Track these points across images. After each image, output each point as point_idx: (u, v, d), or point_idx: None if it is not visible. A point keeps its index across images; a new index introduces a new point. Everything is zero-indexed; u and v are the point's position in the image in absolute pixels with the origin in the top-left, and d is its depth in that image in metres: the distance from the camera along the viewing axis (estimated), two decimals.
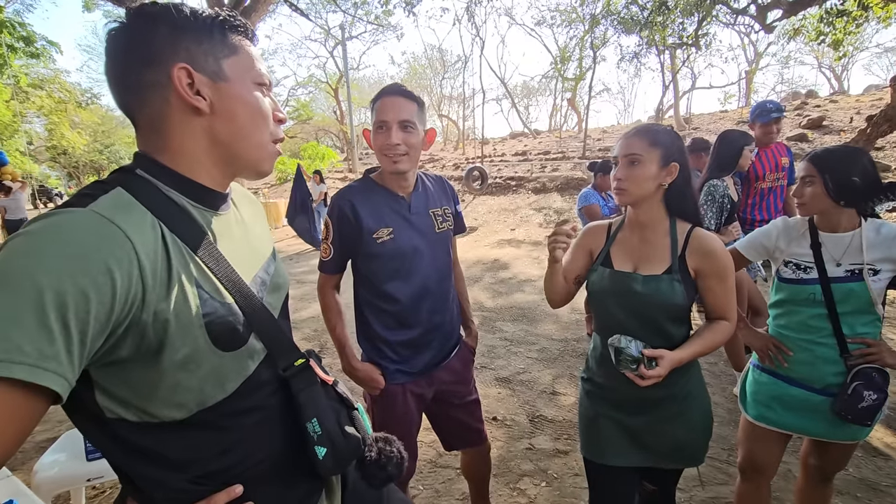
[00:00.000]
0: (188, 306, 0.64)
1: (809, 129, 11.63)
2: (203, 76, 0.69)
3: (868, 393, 1.37)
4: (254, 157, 0.76)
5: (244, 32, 0.74)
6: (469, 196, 12.56)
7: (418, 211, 1.55)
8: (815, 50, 20.93)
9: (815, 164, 1.46)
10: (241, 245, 0.79)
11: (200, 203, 0.73)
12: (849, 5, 6.97)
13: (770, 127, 3.14)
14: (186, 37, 0.68)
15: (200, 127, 0.71)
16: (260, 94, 0.75)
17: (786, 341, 1.55)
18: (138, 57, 0.67)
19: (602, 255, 1.41)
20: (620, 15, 11.25)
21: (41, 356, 0.51)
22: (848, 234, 1.46)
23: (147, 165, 0.70)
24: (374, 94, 1.49)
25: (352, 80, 21.41)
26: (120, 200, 0.62)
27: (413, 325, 1.54)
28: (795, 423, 1.53)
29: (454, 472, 2.35)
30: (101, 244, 0.56)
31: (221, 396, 0.70)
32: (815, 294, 1.46)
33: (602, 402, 1.43)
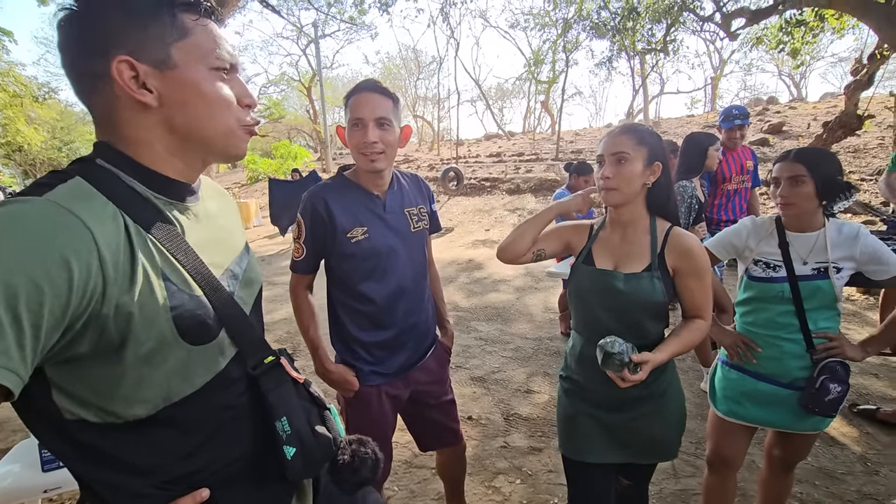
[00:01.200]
0: (154, 298, 0.61)
1: (771, 134, 12.13)
2: (148, 66, 0.63)
3: (833, 386, 1.42)
4: (219, 144, 0.71)
5: (199, 10, 0.67)
6: (444, 196, 12.57)
7: (393, 210, 1.53)
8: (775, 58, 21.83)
9: (806, 164, 1.45)
10: (211, 238, 0.76)
11: (165, 195, 0.70)
12: (806, 16, 7.29)
13: (734, 132, 3.25)
14: (131, 23, 0.62)
15: (153, 119, 0.66)
16: (218, 79, 0.69)
17: (754, 338, 1.58)
18: (83, 46, 0.63)
19: (584, 253, 1.42)
20: (592, 20, 11.47)
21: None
22: (813, 234, 1.50)
23: (108, 155, 0.66)
24: (348, 93, 1.47)
25: (325, 79, 21.15)
26: (79, 190, 0.59)
27: (388, 325, 1.52)
28: (763, 417, 1.57)
29: (429, 472, 2.34)
30: (58, 234, 0.53)
31: (189, 391, 0.67)
32: (783, 291, 1.50)
33: (580, 400, 1.45)
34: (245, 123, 0.73)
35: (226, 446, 0.73)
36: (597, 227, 1.45)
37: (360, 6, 12.94)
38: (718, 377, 1.70)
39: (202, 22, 0.68)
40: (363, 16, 13.69)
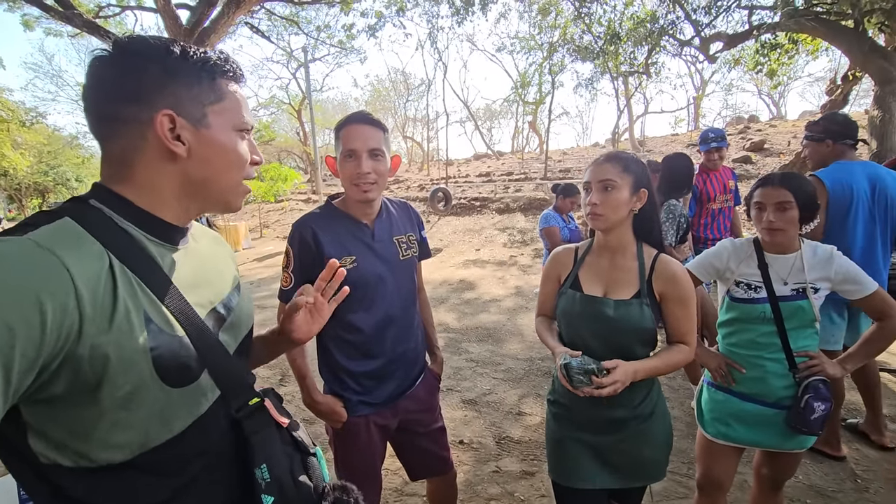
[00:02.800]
0: (133, 338, 0.61)
1: (752, 152, 12.42)
2: (186, 121, 0.69)
3: (818, 404, 1.44)
4: (224, 197, 0.78)
5: (233, 76, 0.75)
6: (434, 217, 12.63)
7: (382, 238, 1.54)
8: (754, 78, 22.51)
9: (792, 190, 1.49)
10: (198, 279, 0.76)
11: (158, 237, 0.72)
12: (781, 39, 7.57)
13: (711, 154, 3.35)
14: (176, 81, 0.69)
15: (175, 168, 0.71)
16: (240, 139, 0.76)
17: (737, 358, 1.61)
18: (124, 92, 0.67)
19: (570, 278, 1.43)
20: (576, 43, 11.78)
21: None
22: (791, 256, 1.54)
23: (103, 196, 0.69)
24: (338, 117, 1.50)
25: (315, 102, 21.34)
26: (63, 230, 0.61)
27: (376, 354, 1.52)
28: (751, 437, 1.58)
29: (420, 500, 2.30)
30: (33, 274, 0.54)
31: (167, 437, 0.67)
32: (765, 312, 1.53)
33: (569, 424, 1.45)
34: (248, 177, 0.79)
35: (204, 493, 0.72)
36: (582, 252, 1.47)
37: (349, 31, 13.19)
38: (705, 399, 1.71)
39: (234, 87, 0.75)
40: (352, 40, 13.95)
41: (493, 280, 7.40)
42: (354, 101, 37.40)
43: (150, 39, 0.69)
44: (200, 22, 7.87)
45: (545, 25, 14.57)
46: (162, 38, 0.71)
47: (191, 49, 0.71)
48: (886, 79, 5.25)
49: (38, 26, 11.81)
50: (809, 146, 2.47)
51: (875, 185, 2.25)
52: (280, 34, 16.03)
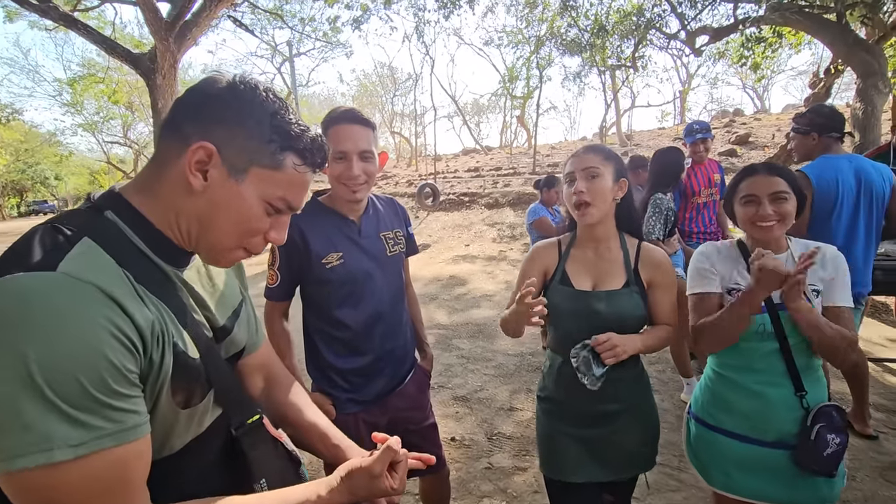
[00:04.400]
0: (164, 360, 0.62)
1: (738, 145, 12.58)
2: (223, 165, 0.66)
3: (831, 436, 1.21)
4: (209, 250, 0.72)
5: (307, 161, 0.71)
6: (423, 213, 12.58)
7: (369, 234, 1.52)
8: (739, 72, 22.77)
9: (787, 179, 1.31)
10: (205, 297, 0.76)
11: (165, 259, 0.70)
12: (765, 33, 7.64)
13: (697, 146, 3.36)
14: (244, 130, 0.66)
15: (188, 196, 0.68)
16: (263, 212, 0.70)
17: (731, 388, 1.36)
18: (196, 109, 0.67)
19: (558, 273, 1.42)
20: (563, 37, 11.78)
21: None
22: (781, 256, 1.33)
23: (119, 209, 0.67)
24: (324, 112, 1.45)
25: (301, 97, 21.10)
26: (89, 256, 0.59)
27: (365, 351, 1.50)
28: (757, 490, 1.32)
29: (413, 499, 2.28)
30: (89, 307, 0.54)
31: (166, 454, 0.67)
32: (764, 325, 1.29)
33: (559, 419, 1.44)
34: (249, 249, 0.73)
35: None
36: (566, 246, 1.45)
37: (334, 24, 13.03)
38: (693, 436, 1.46)
39: (302, 170, 0.71)
40: (337, 34, 13.78)
41: (482, 276, 7.40)
42: (341, 96, 37.14)
43: (266, 90, 0.69)
44: (181, 15, 7.69)
45: (532, 19, 14.51)
46: (278, 97, 0.69)
47: (288, 115, 0.69)
48: (868, 71, 5.32)
49: (21, 18, 11.49)
50: (796, 139, 2.48)
51: (860, 179, 2.27)
52: (264, 28, 15.78)
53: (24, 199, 37.22)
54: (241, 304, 0.87)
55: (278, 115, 0.68)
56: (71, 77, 18.80)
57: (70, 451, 0.50)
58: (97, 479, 0.53)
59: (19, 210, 37.90)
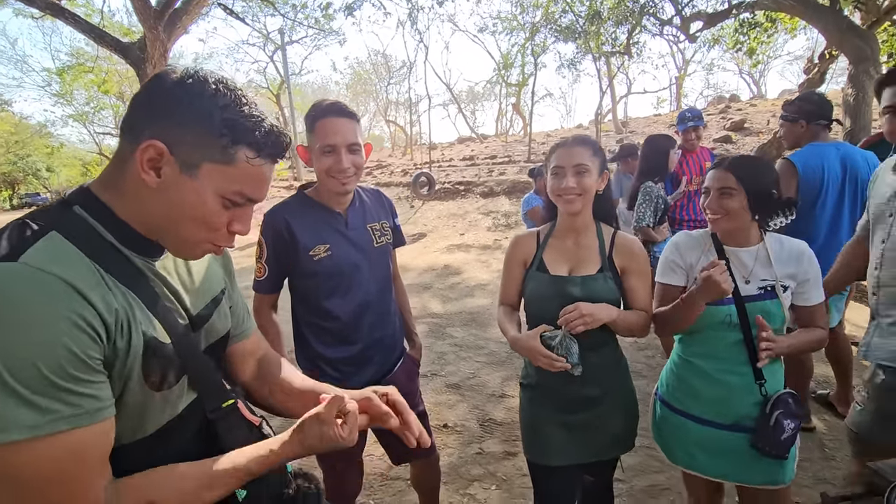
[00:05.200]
0: (133, 345, 0.65)
1: (733, 132, 12.55)
2: (175, 161, 0.66)
3: (787, 422, 1.29)
4: (175, 245, 0.74)
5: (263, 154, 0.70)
6: (418, 202, 12.56)
7: (355, 226, 1.54)
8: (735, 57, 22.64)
9: (737, 175, 1.33)
10: (179, 287, 0.78)
11: (135, 251, 0.71)
12: (759, 18, 7.60)
13: (689, 134, 3.37)
14: (193, 126, 0.66)
15: (147, 193, 0.69)
16: (221, 206, 0.71)
17: (696, 374, 1.42)
18: (148, 107, 0.67)
19: (536, 261, 1.47)
20: (558, 23, 11.68)
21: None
22: (753, 249, 1.38)
23: (88, 203, 0.68)
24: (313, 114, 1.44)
25: (294, 86, 20.89)
26: (53, 248, 0.61)
27: (354, 341, 1.53)
28: (715, 468, 1.41)
29: (405, 484, 2.33)
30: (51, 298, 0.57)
31: (139, 436, 0.69)
32: (731, 316, 1.34)
33: (542, 405, 1.48)
34: (215, 242, 0.74)
35: None
36: (544, 235, 1.50)
37: (326, 11, 12.86)
38: (660, 417, 1.53)
39: (256, 163, 0.70)
40: (330, 21, 13.61)
41: (477, 265, 7.43)
42: (335, 84, 36.76)
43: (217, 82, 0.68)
44: (171, 3, 7.58)
45: (527, 4, 14.37)
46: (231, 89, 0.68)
47: (243, 106, 0.68)
48: (861, 57, 5.31)
49: (7, 6, 11.29)
50: (784, 126, 2.50)
51: (846, 166, 2.29)
52: (255, 15, 15.56)
53: (17, 191, 36.90)
54: (221, 292, 0.89)
55: (230, 108, 0.67)
56: (60, 67, 18.52)
57: (26, 431, 0.53)
58: (55, 459, 0.56)
59: (11, 203, 37.57)
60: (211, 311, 0.84)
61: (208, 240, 0.73)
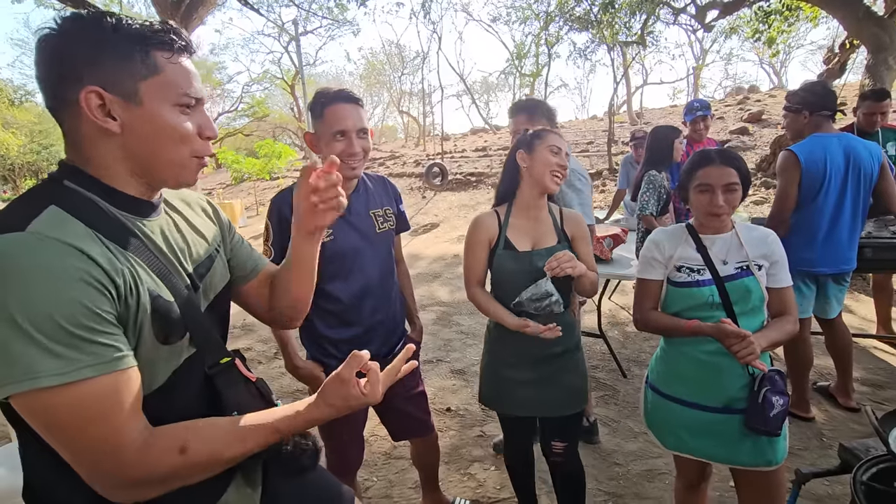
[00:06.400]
0: (141, 304, 0.69)
1: (750, 123, 12.31)
2: (117, 97, 0.69)
3: (776, 398, 1.32)
4: (170, 173, 0.77)
5: (173, 47, 0.72)
6: (430, 192, 12.61)
7: (358, 212, 1.59)
8: (755, 47, 22.12)
9: (736, 168, 1.41)
10: (175, 247, 0.82)
11: (127, 211, 0.75)
12: (775, 6, 7.44)
13: (697, 124, 3.36)
14: (104, 56, 0.67)
15: (114, 144, 0.72)
16: (181, 114, 0.74)
17: (683, 357, 1.48)
18: (56, 71, 0.68)
19: (501, 240, 1.60)
20: (572, 13, 11.54)
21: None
22: (727, 235, 1.47)
23: (74, 176, 0.72)
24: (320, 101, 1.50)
25: (308, 77, 20.98)
26: (56, 218, 0.65)
27: (355, 323, 1.59)
28: (706, 450, 1.46)
29: (407, 463, 2.42)
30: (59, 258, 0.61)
31: (154, 387, 0.75)
32: (712, 296, 1.41)
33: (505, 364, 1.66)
34: (198, 154, 0.78)
35: None
36: (504, 216, 1.63)
37: (340, 1, 12.88)
38: (650, 402, 1.58)
39: (174, 59, 0.72)
40: (343, 11, 13.63)
41: None
42: (349, 75, 36.74)
43: (85, 15, 0.69)
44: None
45: None
46: (99, 11, 0.70)
47: (125, 20, 0.69)
48: (879, 46, 5.19)
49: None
50: (787, 117, 2.49)
51: (849, 157, 2.29)
52: (270, 6, 15.65)
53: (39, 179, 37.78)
54: (216, 249, 0.93)
55: (121, 27, 0.68)
56: None
57: (55, 378, 0.59)
58: (87, 403, 0.62)
59: None
60: (207, 269, 0.88)
61: (191, 153, 0.76)
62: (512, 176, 1.63)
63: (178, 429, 0.71)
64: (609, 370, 3.30)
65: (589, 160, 12.49)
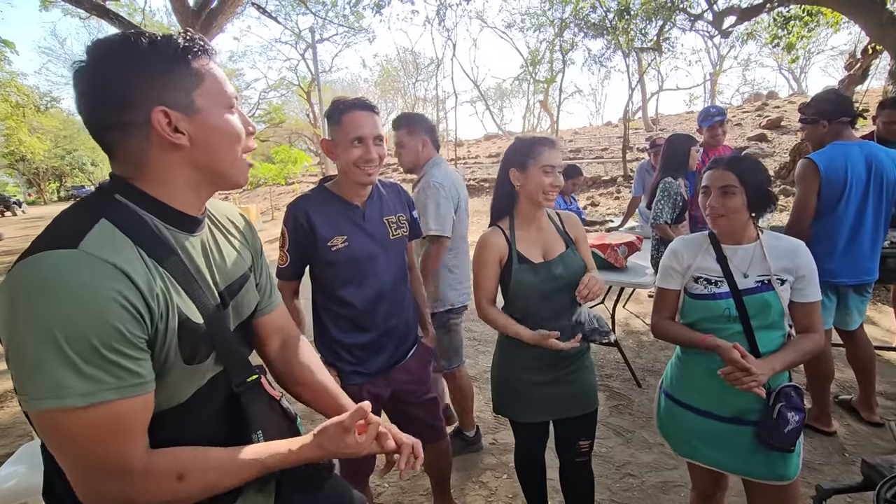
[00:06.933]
0: (170, 325, 0.71)
1: (769, 129, 12.14)
2: (178, 112, 0.72)
3: (791, 414, 1.29)
4: (231, 174, 0.81)
5: (205, 53, 0.76)
6: None
7: (372, 219, 1.61)
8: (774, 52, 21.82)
9: (738, 174, 1.37)
10: (212, 264, 0.84)
11: (176, 226, 0.78)
12: (794, 12, 7.33)
13: (715, 129, 3.33)
14: (156, 77, 0.71)
15: (181, 158, 0.75)
16: (230, 115, 0.78)
17: (698, 366, 1.45)
18: (113, 100, 0.70)
19: (514, 255, 1.59)
20: (587, 19, 11.52)
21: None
22: (750, 246, 1.42)
23: (125, 190, 0.74)
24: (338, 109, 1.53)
25: (324, 83, 21.26)
26: (105, 235, 0.68)
27: (368, 328, 1.60)
28: (717, 460, 1.44)
29: (418, 469, 2.41)
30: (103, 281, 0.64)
31: (175, 403, 0.76)
32: (729, 309, 1.38)
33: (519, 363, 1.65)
34: (246, 150, 0.82)
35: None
36: (508, 229, 1.63)
37: (355, 8, 13.05)
38: (664, 410, 1.57)
39: (209, 66, 0.76)
40: (359, 19, 13.81)
41: None
42: (364, 81, 37.14)
43: (117, 39, 0.71)
44: (208, 3, 7.87)
45: (556, 0, 14.22)
46: (126, 33, 0.71)
47: (158, 38, 0.72)
48: None
49: (55, 7, 11.95)
50: (806, 129, 2.45)
51: (871, 165, 2.24)
52: (288, 14, 15.94)
53: (64, 183, 38.89)
54: (250, 269, 0.95)
55: (158, 43, 0.71)
56: None
57: (79, 399, 0.61)
58: (101, 424, 0.64)
59: (59, 194, 39.64)
60: (240, 287, 0.90)
61: (243, 151, 0.81)
62: (506, 192, 1.63)
63: (176, 454, 0.73)
64: (623, 379, 3.26)
65: (603, 166, 12.42)
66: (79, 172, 36.37)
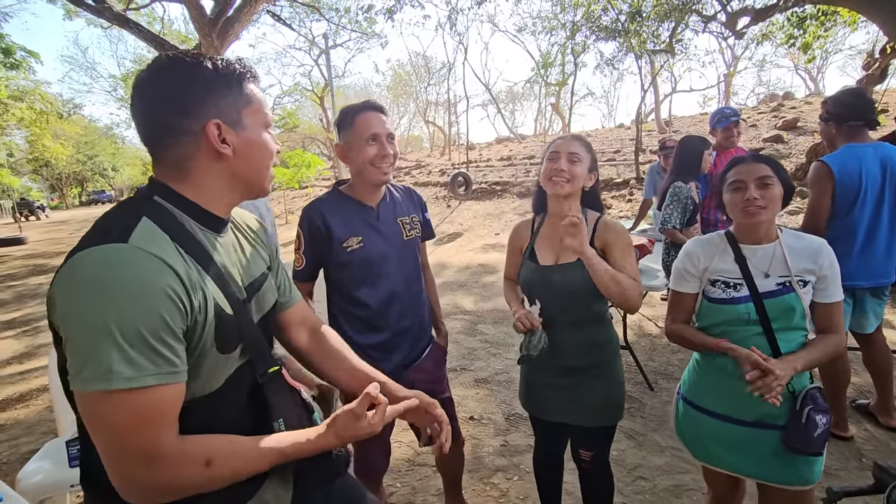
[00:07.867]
0: (207, 316, 0.77)
1: (784, 131, 11.95)
2: (229, 127, 0.82)
3: (819, 417, 1.25)
4: (261, 185, 0.91)
5: (255, 80, 0.88)
6: (454, 202, 12.68)
7: (386, 220, 1.65)
8: (790, 53, 21.50)
9: (772, 166, 1.35)
10: (236, 262, 0.92)
11: (206, 227, 0.86)
12: (809, 12, 7.23)
13: (730, 130, 3.31)
14: (216, 93, 0.81)
15: (222, 167, 0.84)
16: (268, 135, 0.88)
17: (717, 370, 1.42)
18: (174, 107, 0.79)
19: (528, 250, 1.63)
20: (599, 22, 11.49)
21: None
22: (770, 246, 1.37)
23: (164, 193, 0.82)
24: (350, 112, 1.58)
25: (337, 88, 21.47)
26: (150, 232, 0.75)
27: (382, 328, 1.63)
28: (737, 465, 1.42)
29: (430, 470, 2.44)
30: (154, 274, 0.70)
31: (209, 391, 0.82)
32: (748, 312, 1.34)
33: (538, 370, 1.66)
34: (274, 165, 0.92)
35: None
36: (538, 225, 1.66)
37: (367, 14, 13.19)
38: (682, 414, 1.55)
39: (257, 90, 0.88)
40: (372, 25, 13.94)
41: None
42: (376, 86, 37.42)
43: (186, 58, 0.80)
44: (224, 11, 8.03)
45: (567, 3, 14.21)
46: (193, 54, 0.81)
47: (219, 62, 0.82)
48: None
49: (78, 17, 12.34)
50: (820, 126, 2.44)
51: (886, 168, 2.21)
52: (302, 21, 16.15)
53: (85, 188, 39.84)
54: (268, 268, 1.03)
55: (218, 66, 0.81)
56: (125, 73, 19.85)
57: (124, 382, 0.66)
58: (138, 410, 0.68)
59: (80, 199, 40.61)
60: (261, 284, 0.97)
61: (271, 166, 0.91)
62: (540, 188, 1.65)
63: (204, 441, 0.77)
64: (635, 383, 3.25)
65: (616, 169, 12.34)
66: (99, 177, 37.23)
